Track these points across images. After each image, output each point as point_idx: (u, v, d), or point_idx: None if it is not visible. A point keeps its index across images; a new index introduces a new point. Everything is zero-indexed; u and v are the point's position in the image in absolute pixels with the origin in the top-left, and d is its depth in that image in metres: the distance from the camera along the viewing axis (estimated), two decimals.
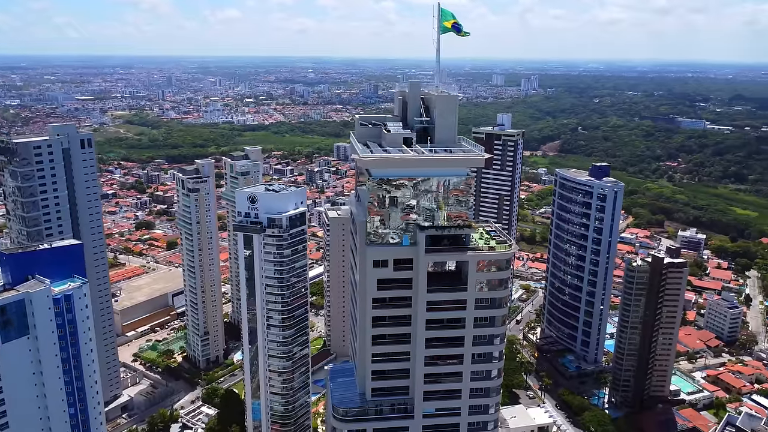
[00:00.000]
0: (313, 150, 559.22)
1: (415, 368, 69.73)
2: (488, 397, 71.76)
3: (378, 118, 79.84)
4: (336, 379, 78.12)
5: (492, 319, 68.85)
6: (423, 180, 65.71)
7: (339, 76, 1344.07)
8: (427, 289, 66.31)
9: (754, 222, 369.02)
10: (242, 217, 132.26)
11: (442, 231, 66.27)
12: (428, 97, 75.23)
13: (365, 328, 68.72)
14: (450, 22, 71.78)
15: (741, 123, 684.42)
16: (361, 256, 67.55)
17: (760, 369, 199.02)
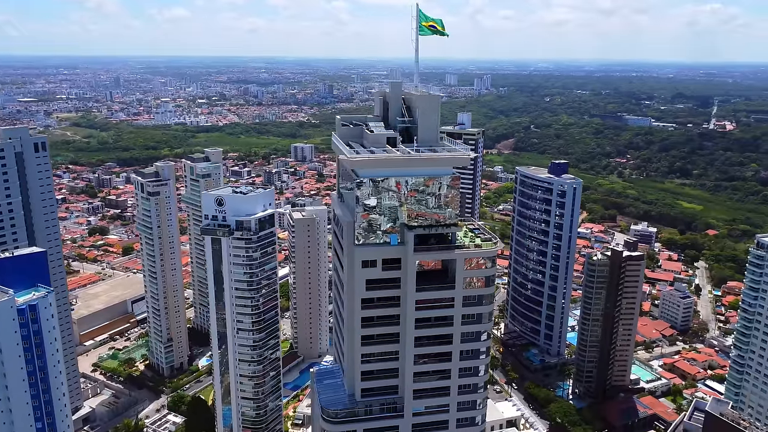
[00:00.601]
0: (269, 151, 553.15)
1: (405, 367, 70.13)
2: (476, 392, 72.86)
3: (358, 118, 79.87)
4: (322, 381, 77.74)
5: (479, 316, 69.99)
6: (409, 179, 66.16)
7: (292, 76, 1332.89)
8: (416, 288, 66.79)
9: (700, 215, 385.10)
10: (209, 221, 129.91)
11: (430, 230, 66.91)
12: (410, 97, 75.73)
13: (354, 329, 68.67)
14: (428, 23, 72.45)
15: (684, 120, 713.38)
16: (349, 256, 67.49)
17: (712, 356, 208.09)
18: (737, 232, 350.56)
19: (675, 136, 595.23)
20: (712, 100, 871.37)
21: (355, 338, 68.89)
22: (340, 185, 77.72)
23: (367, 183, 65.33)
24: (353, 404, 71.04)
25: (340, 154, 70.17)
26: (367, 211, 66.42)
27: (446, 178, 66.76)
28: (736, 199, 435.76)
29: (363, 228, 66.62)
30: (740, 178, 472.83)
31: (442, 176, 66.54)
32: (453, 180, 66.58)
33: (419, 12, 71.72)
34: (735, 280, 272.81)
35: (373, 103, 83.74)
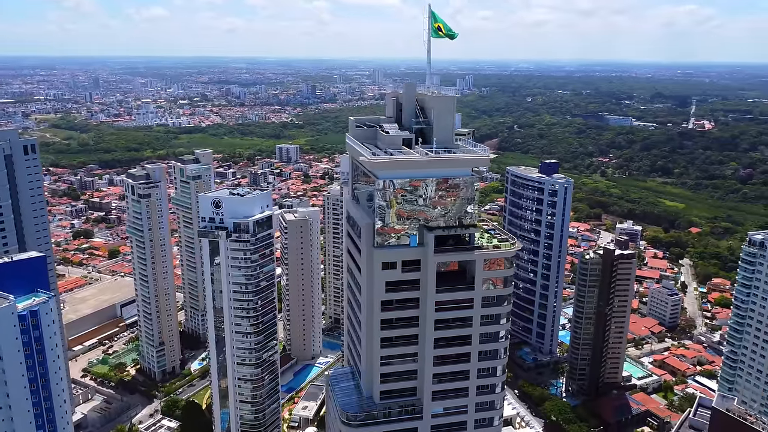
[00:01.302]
0: (254, 152, 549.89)
1: (424, 369, 70.01)
2: (494, 393, 73.08)
3: (371, 119, 79.78)
4: (338, 385, 77.34)
5: (497, 317, 70.22)
6: (428, 180, 66.22)
7: (274, 76, 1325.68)
8: (436, 289, 66.84)
9: (683, 213, 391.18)
10: (206, 223, 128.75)
11: (450, 231, 67.04)
12: (423, 99, 75.76)
13: (373, 331, 68.41)
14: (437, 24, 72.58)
15: (664, 120, 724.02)
16: (368, 258, 67.25)
17: (700, 351, 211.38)
18: (719, 230, 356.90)
19: (656, 136, 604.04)
20: (690, 100, 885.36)
21: (374, 340, 68.66)
22: (354, 186, 77.47)
23: (386, 184, 65.23)
24: (372, 407, 70.78)
25: (358, 156, 69.77)
26: (386, 212, 66.34)
27: (465, 179, 66.98)
28: (716, 197, 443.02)
29: (382, 229, 66.48)
30: (720, 176, 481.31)
31: (460, 177, 66.75)
32: (471, 180, 66.88)
33: (431, 13, 71.91)
34: (719, 277, 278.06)
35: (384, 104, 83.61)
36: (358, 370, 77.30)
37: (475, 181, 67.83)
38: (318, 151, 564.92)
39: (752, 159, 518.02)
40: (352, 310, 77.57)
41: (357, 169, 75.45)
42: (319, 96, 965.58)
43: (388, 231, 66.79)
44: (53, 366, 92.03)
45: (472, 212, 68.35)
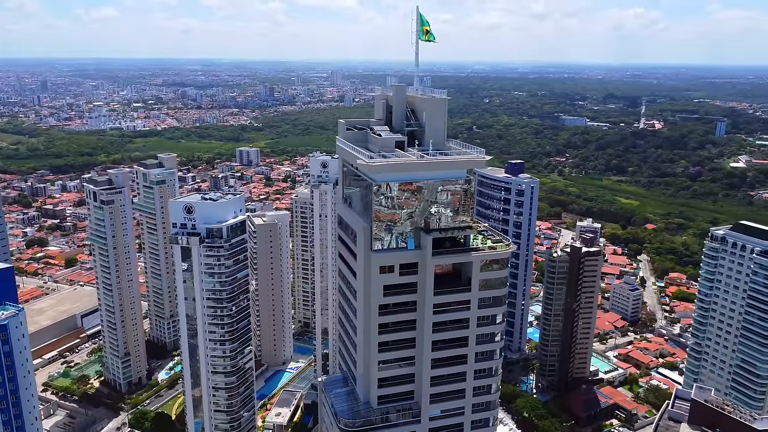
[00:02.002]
0: (213, 155, 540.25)
1: (422, 372, 69.86)
2: (490, 393, 73.62)
3: (360, 122, 79.34)
4: (332, 391, 76.40)
5: (494, 317, 70.70)
6: (425, 183, 66.29)
7: (230, 78, 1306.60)
8: (434, 291, 66.86)
9: (638, 210, 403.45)
10: (177, 229, 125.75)
11: (447, 233, 67.19)
12: (414, 101, 75.74)
13: (371, 336, 67.87)
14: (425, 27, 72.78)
15: (616, 120, 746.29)
16: (365, 262, 66.70)
17: (662, 344, 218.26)
18: (673, 226, 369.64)
19: (610, 135, 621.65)
20: (640, 101, 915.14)
21: (371, 345, 68.19)
22: (345, 190, 76.80)
23: (384, 187, 64.94)
24: (369, 412, 70.30)
25: (352, 159, 69.10)
26: (384, 216, 66.04)
27: (460, 181, 67.32)
28: (669, 194, 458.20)
29: (379, 233, 66.19)
30: (671, 174, 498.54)
31: (456, 179, 67.04)
32: (467, 182, 67.30)
33: (419, 15, 72.04)
34: (676, 271, 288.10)
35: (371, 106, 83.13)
36: (352, 375, 76.64)
37: (470, 183, 68.32)
38: (279, 153, 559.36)
39: (700, 157, 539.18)
40: (345, 316, 76.89)
41: (348, 172, 74.88)
42: (278, 98, 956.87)
43: (385, 234, 66.54)
44: (24, 382, 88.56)
45: (467, 213, 68.77)
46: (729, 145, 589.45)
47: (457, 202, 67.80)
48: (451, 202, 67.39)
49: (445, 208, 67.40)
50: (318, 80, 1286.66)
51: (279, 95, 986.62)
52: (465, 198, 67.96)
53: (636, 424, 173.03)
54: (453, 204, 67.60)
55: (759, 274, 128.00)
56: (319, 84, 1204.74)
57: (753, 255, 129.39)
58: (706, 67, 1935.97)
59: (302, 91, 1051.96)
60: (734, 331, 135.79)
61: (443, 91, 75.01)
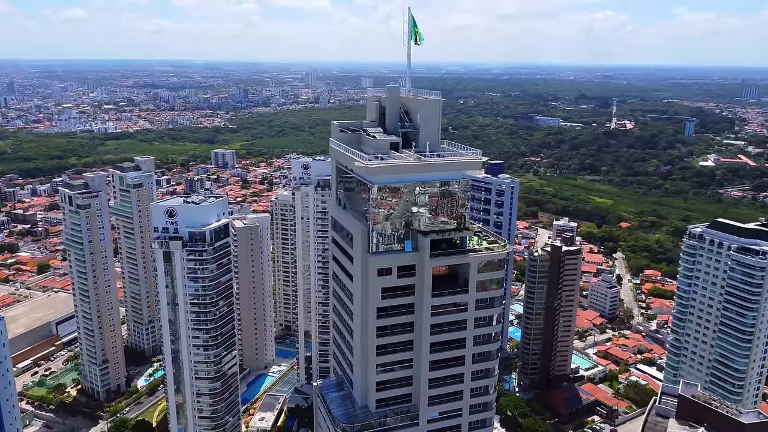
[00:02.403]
0: (187, 158, 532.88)
1: (420, 374, 69.60)
2: (487, 394, 73.59)
3: (353, 124, 78.89)
4: (329, 395, 75.66)
5: (491, 318, 70.82)
6: (423, 185, 66.17)
7: (203, 80, 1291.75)
8: (432, 293, 66.72)
9: (612, 209, 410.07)
10: (159, 233, 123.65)
11: (444, 235, 67.15)
12: (407, 102, 75.53)
13: (368, 339, 67.38)
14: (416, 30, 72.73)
15: (588, 120, 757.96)
16: (362, 265, 66.23)
17: (640, 340, 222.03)
18: (647, 224, 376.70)
19: (583, 135, 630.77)
20: (611, 101, 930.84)
21: (369, 348, 67.72)
22: (339, 192, 76.19)
23: (381, 190, 64.63)
24: (367, 416, 69.83)
25: (347, 161, 68.52)
26: (381, 218, 65.70)
27: (458, 183, 67.37)
28: (641, 192, 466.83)
29: (377, 236, 65.84)
30: (643, 173, 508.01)
31: (452, 180, 67.06)
32: (463, 183, 67.43)
33: (411, 18, 71.94)
34: (650, 268, 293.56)
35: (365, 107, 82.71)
36: (348, 379, 76.04)
37: (467, 184, 68.51)
38: (255, 155, 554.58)
39: (671, 156, 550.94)
40: (341, 319, 76.25)
41: (343, 174, 74.35)
42: (252, 99, 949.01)
43: (382, 236, 66.22)
44: (5, 393, 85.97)
45: (464, 215, 68.87)
46: (698, 144, 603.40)
47: (454, 203, 67.87)
48: (447, 203, 67.40)
49: (441, 209, 67.40)
50: (292, 81, 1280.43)
51: (253, 96, 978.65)
52: (461, 199, 68.10)
53: (617, 420, 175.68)
54: (450, 206, 67.63)
55: (736, 270, 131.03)
56: (294, 85, 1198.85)
57: (730, 252, 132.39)
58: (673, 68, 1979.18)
59: (277, 92, 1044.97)
60: (712, 326, 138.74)
61: (437, 93, 75.04)
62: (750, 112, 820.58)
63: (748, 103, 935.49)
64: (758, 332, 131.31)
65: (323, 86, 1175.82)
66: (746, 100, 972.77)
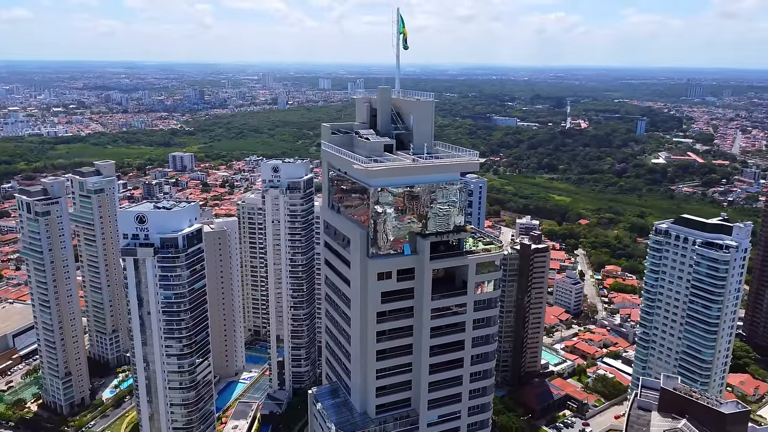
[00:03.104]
0: (144, 161, 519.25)
1: (420, 378, 69.12)
2: (485, 396, 73.67)
3: (343, 126, 77.86)
4: (326, 403, 74.25)
5: (488, 319, 70.88)
6: (420, 187, 65.71)
7: (157, 81, 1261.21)
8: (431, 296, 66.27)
9: (571, 206, 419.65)
10: (129, 240, 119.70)
11: (443, 237, 66.81)
12: (399, 104, 74.98)
13: (368, 344, 66.38)
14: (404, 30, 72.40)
15: (545, 120, 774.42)
16: (361, 269, 65.21)
17: (605, 335, 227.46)
18: (605, 221, 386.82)
19: (540, 135, 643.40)
20: (565, 101, 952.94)
21: (368, 354, 66.77)
22: (332, 196, 74.98)
23: (380, 192, 63.84)
24: (367, 422, 68.78)
25: (348, 165, 67.25)
26: (380, 221, 64.96)
27: (455, 184, 67.29)
28: (598, 190, 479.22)
29: (376, 239, 65.04)
30: (599, 171, 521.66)
31: (450, 182, 66.92)
32: (460, 185, 67.40)
33: (399, 18, 71.55)
34: (611, 264, 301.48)
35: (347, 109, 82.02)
36: (344, 386, 74.86)
37: (464, 186, 68.56)
38: (214, 158, 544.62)
39: (625, 154, 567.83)
40: (335, 325, 75.01)
41: (337, 176, 73.20)
42: (208, 101, 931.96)
43: (381, 240, 65.52)
44: None
45: (461, 217, 68.84)
46: (649, 142, 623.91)
47: (452, 205, 67.82)
48: (445, 205, 67.27)
49: (439, 211, 67.24)
50: (249, 83, 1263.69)
51: (209, 98, 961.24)
52: (458, 201, 68.08)
53: (587, 414, 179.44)
54: (447, 207, 67.52)
55: (701, 264, 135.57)
56: (251, 86, 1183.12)
57: (695, 246, 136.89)
58: (622, 69, 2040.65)
59: (233, 93, 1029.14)
60: (679, 319, 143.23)
61: (430, 94, 74.92)
62: (696, 111, 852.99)
63: (694, 102, 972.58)
64: (723, 324, 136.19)
65: (281, 87, 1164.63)
66: (692, 99, 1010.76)
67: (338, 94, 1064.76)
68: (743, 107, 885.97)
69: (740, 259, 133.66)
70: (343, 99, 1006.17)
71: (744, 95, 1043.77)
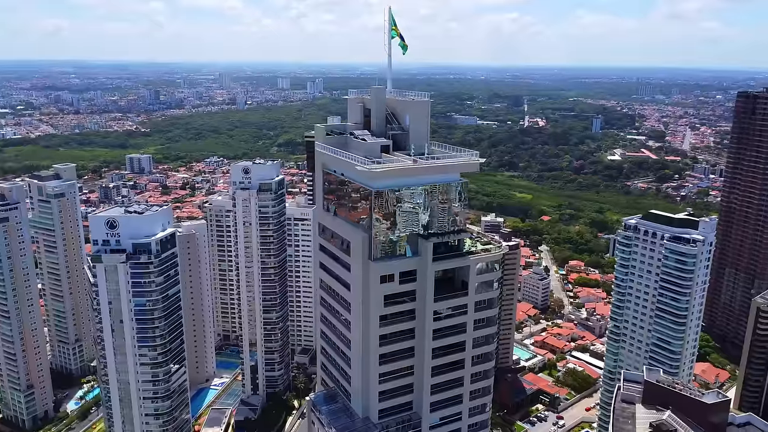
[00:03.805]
0: (99, 164, 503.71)
1: (423, 380, 68.67)
2: (485, 396, 73.72)
3: (336, 127, 76.72)
4: (325, 408, 72.77)
5: (488, 320, 70.90)
6: (422, 188, 65.19)
7: (109, 81, 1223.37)
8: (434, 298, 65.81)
9: (532, 203, 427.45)
10: (99, 246, 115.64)
11: (444, 238, 66.36)
12: (394, 104, 74.31)
13: (370, 348, 65.46)
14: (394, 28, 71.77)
15: (504, 118, 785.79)
16: (363, 273, 64.17)
17: (572, 329, 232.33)
18: (566, 217, 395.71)
19: (500, 133, 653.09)
20: (523, 100, 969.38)
21: (371, 358, 65.81)
22: (326, 197, 73.55)
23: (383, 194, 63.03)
24: (369, 428, 67.63)
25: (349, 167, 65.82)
26: (383, 223, 64.10)
27: (455, 185, 67.05)
28: (557, 187, 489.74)
29: (379, 242, 64.15)
30: (558, 168, 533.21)
31: (450, 183, 66.67)
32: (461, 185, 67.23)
33: (391, 17, 70.91)
34: (574, 259, 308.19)
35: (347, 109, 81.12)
36: (344, 391, 73.59)
37: (465, 186, 68.49)
38: (172, 160, 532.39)
39: (582, 152, 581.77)
40: (333, 330, 73.70)
41: (333, 178, 71.88)
42: (164, 101, 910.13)
43: (383, 242, 64.70)
44: None
45: (461, 217, 68.72)
46: (605, 139, 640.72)
47: (452, 206, 67.68)
48: (446, 206, 67.10)
49: (440, 212, 66.98)
50: (206, 82, 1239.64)
51: (165, 98, 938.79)
52: (459, 202, 67.97)
53: (560, 407, 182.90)
54: (447, 208, 67.34)
55: (669, 258, 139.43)
56: (208, 86, 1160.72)
57: (663, 241, 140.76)
58: (576, 68, 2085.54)
59: (190, 93, 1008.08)
60: (649, 312, 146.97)
61: (425, 94, 74.62)
62: (647, 109, 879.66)
63: (644, 100, 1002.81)
64: (691, 315, 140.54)
65: (239, 87, 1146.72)
66: (642, 97, 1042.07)
67: (298, 94, 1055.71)
68: (691, 105, 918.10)
69: (707, 252, 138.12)
70: (302, 99, 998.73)
71: (691, 93, 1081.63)
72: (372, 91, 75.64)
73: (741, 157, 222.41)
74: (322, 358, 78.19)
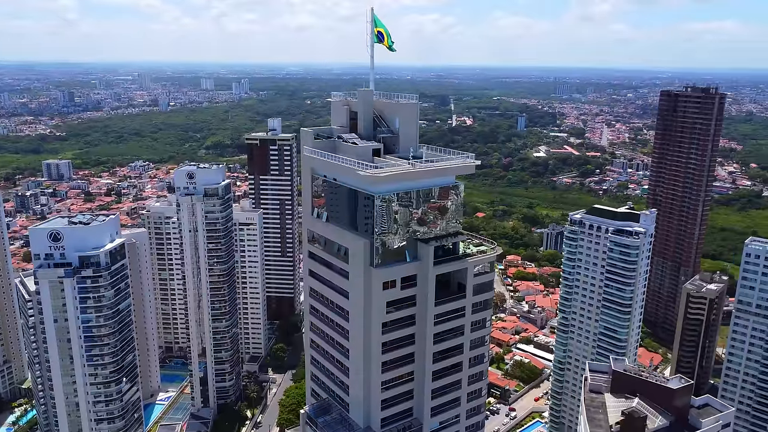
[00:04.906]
0: (11, 171, 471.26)
1: (424, 385, 68.04)
2: (480, 397, 73.71)
3: (323, 130, 74.59)
4: (321, 422, 70.17)
5: (483, 321, 70.88)
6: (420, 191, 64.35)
7: (16, 82, 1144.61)
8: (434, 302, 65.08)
9: (466, 200, 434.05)
10: (42, 260, 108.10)
11: (442, 241, 65.70)
12: (382, 106, 73.05)
13: (371, 357, 63.88)
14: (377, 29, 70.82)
15: (432, 117, 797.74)
16: (364, 280, 62.39)
17: (515, 322, 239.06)
18: (499, 213, 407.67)
19: (430, 132, 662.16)
20: (449, 99, 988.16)
21: (372, 366, 64.17)
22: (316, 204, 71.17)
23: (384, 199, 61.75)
24: None
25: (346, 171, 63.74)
26: (384, 229, 62.70)
27: (452, 187, 66.71)
28: (488, 184, 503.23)
29: (379, 248, 62.74)
30: (488, 165, 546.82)
31: (447, 186, 66.29)
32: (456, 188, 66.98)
33: (374, 18, 69.84)
34: (511, 254, 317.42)
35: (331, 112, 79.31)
36: (341, 402, 71.44)
37: (459, 189, 68.43)
38: (93, 165, 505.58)
39: (509, 149, 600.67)
40: (327, 340, 71.43)
41: (324, 184, 69.66)
42: (80, 103, 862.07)
43: (385, 249, 63.38)
44: None
45: (457, 220, 68.55)
46: (530, 137, 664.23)
47: (450, 208, 67.54)
48: (443, 209, 66.79)
49: (437, 216, 66.59)
50: (123, 83, 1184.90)
51: (81, 100, 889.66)
52: (455, 204, 67.87)
53: (510, 399, 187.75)
54: (443, 211, 67.05)
55: (614, 250, 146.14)
56: (126, 87, 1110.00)
57: (608, 234, 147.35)
58: (496, 68, 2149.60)
59: (107, 95, 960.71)
60: (596, 303, 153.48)
61: (413, 96, 74.09)
62: (566, 107, 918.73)
63: (562, 99, 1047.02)
64: (635, 304, 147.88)
65: (160, 88, 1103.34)
66: (560, 96, 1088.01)
67: (223, 95, 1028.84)
68: (605, 103, 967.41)
69: (648, 244, 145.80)
70: (228, 99, 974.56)
71: (605, 92, 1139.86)
72: (359, 93, 74.59)
73: (665, 152, 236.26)
74: (312, 368, 76.09)
